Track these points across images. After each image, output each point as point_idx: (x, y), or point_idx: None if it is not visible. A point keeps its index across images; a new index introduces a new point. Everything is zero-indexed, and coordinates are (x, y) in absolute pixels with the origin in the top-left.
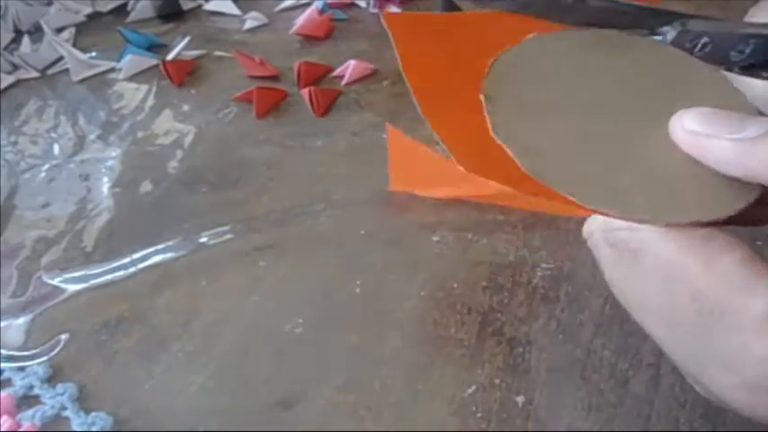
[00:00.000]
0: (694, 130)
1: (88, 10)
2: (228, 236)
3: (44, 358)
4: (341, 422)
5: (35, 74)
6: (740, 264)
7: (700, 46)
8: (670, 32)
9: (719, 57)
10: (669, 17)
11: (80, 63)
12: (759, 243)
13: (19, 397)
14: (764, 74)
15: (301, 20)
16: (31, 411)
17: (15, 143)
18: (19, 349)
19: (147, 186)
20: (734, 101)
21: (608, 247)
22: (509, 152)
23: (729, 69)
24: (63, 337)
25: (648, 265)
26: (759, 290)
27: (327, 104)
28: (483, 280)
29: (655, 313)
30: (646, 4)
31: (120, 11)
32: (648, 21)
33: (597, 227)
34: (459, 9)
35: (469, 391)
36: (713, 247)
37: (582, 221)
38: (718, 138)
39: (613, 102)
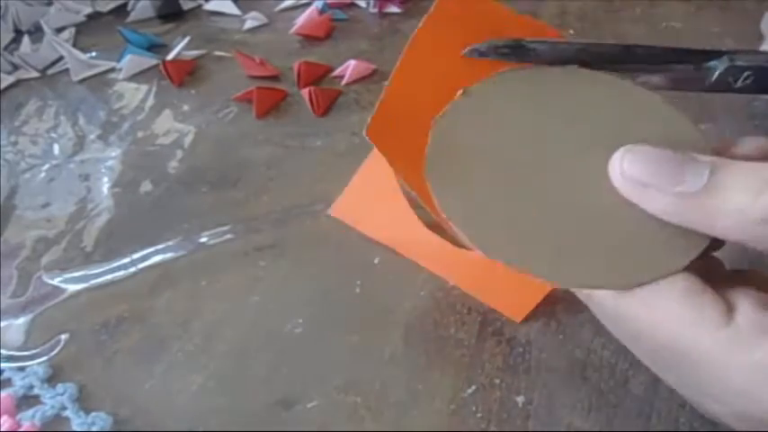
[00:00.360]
0: (633, 177)
1: (88, 10)
2: (228, 236)
3: (44, 358)
4: (341, 422)
5: (35, 74)
6: (681, 301)
7: (742, 79)
8: (719, 67)
9: (760, 87)
10: (712, 54)
11: (80, 63)
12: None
13: (19, 397)
14: None
15: (301, 20)
16: (31, 411)
17: (15, 143)
18: (19, 349)
19: (147, 186)
20: (684, 136)
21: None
22: (455, 227)
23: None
24: (63, 337)
25: (600, 314)
26: (705, 325)
27: (327, 104)
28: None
29: (635, 351)
30: (695, 46)
31: (120, 11)
32: (694, 58)
33: None
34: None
35: (469, 390)
36: (654, 288)
37: None
38: (657, 189)
39: (560, 146)
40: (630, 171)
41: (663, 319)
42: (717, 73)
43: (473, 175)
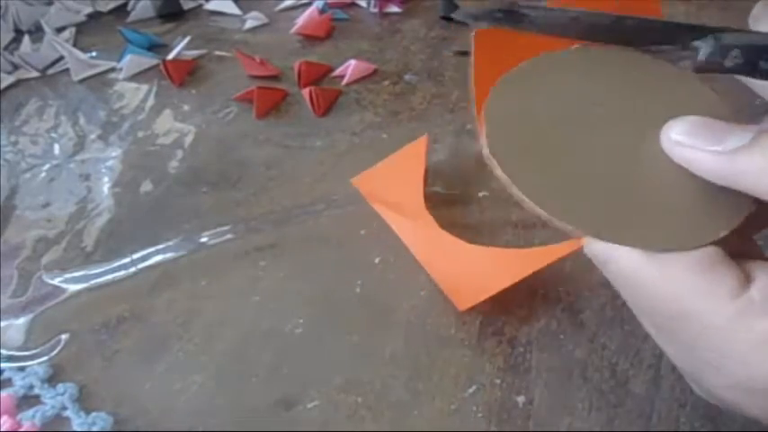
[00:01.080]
0: (679, 141)
1: (88, 10)
2: (229, 236)
3: (44, 358)
4: (341, 422)
5: (35, 74)
6: (695, 270)
7: (730, 58)
8: (704, 46)
9: (749, 66)
10: (702, 31)
11: (80, 63)
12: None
13: (19, 397)
14: None
15: (302, 20)
16: (31, 411)
17: (16, 143)
18: (19, 349)
19: (147, 186)
20: (721, 113)
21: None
22: (498, 170)
23: (757, 77)
24: (63, 337)
25: (617, 277)
26: (718, 294)
27: (328, 104)
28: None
29: (642, 317)
30: (683, 21)
31: (121, 11)
32: (681, 36)
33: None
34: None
35: (470, 390)
36: (668, 256)
37: None
38: (700, 150)
39: (610, 122)
40: (677, 137)
41: (678, 286)
42: (703, 53)
43: (527, 137)
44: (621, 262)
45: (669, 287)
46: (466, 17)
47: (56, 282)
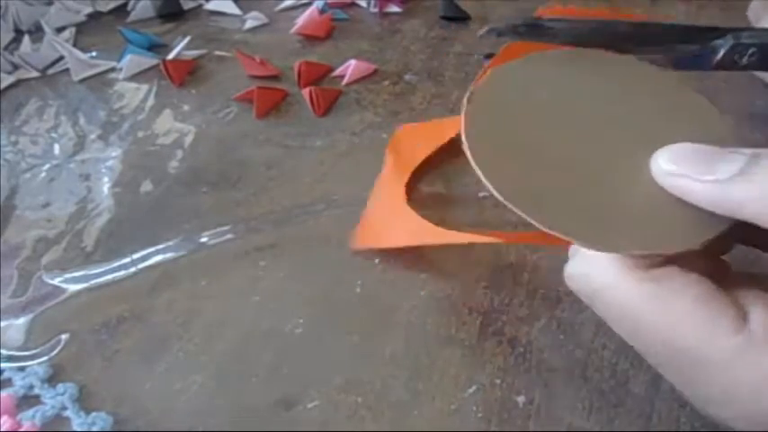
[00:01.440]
0: (671, 172)
1: (88, 10)
2: (229, 236)
3: (44, 358)
4: (341, 422)
5: (35, 74)
6: (695, 305)
7: (747, 56)
8: (723, 45)
9: (763, 63)
10: (721, 32)
11: (80, 63)
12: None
13: (19, 397)
14: None
15: (302, 20)
16: (31, 411)
17: (15, 143)
18: (19, 349)
19: (147, 186)
20: (715, 126)
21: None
22: (480, 175)
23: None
24: (63, 337)
25: (610, 309)
26: (720, 329)
27: (328, 104)
28: (483, 280)
29: (640, 350)
30: (703, 24)
31: (121, 11)
32: (701, 37)
33: (565, 273)
34: (459, 8)
35: (470, 390)
36: (666, 290)
37: None
38: (691, 179)
39: (595, 125)
40: (667, 167)
41: (675, 324)
42: (722, 51)
43: (509, 141)
44: (615, 298)
45: (667, 320)
46: (490, 33)
47: (56, 282)
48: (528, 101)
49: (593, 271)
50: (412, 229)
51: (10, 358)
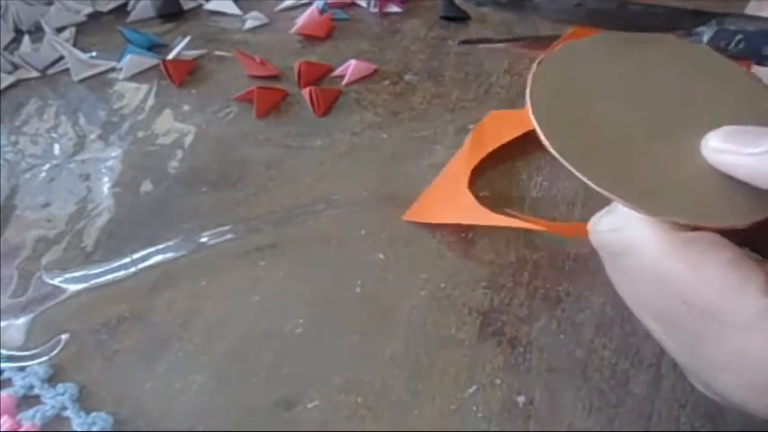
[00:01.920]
0: (719, 149)
1: (88, 10)
2: (229, 236)
3: (44, 358)
4: (341, 422)
5: (35, 74)
6: (727, 266)
7: (734, 43)
8: (707, 32)
9: (752, 52)
10: (705, 17)
11: (80, 63)
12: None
13: (19, 397)
14: None
15: (302, 20)
16: (31, 411)
17: (15, 143)
18: (19, 349)
19: (147, 186)
20: (764, 104)
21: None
22: (535, 125)
23: (760, 63)
24: (63, 337)
25: (633, 267)
26: (749, 290)
27: (328, 104)
28: (483, 280)
29: (650, 314)
30: (683, 6)
31: (121, 11)
32: (685, 21)
33: (590, 227)
34: (459, 9)
35: (470, 391)
36: (698, 250)
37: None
38: (740, 154)
39: (649, 104)
40: (717, 144)
41: (706, 280)
42: (707, 38)
43: (568, 104)
44: (646, 252)
45: (696, 278)
46: (469, 2)
47: (56, 282)
48: (590, 74)
49: (627, 226)
50: (466, 209)
51: (10, 358)
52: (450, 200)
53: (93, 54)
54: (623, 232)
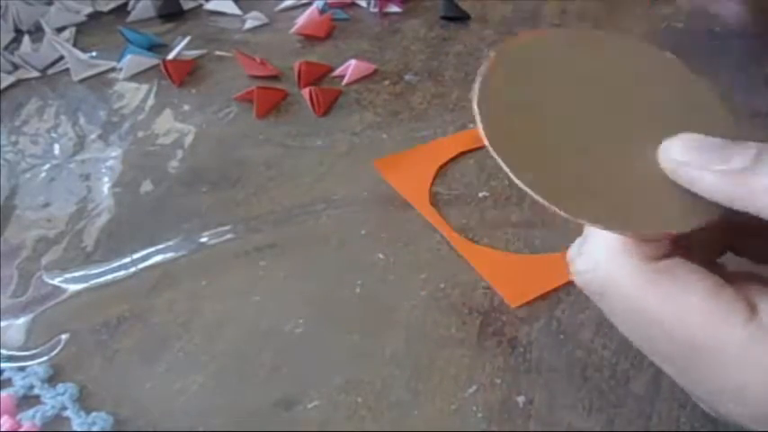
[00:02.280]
0: (682, 162)
1: (88, 10)
2: (229, 236)
3: (44, 358)
4: (341, 422)
5: (35, 74)
6: (708, 296)
7: None
8: None
9: None
10: None
11: (80, 63)
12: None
13: (19, 397)
14: None
15: (302, 20)
16: (31, 411)
17: (16, 143)
18: (19, 349)
19: (147, 186)
20: (722, 117)
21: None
22: (486, 141)
23: None
24: (63, 337)
25: (617, 307)
26: (732, 320)
27: (328, 104)
28: (483, 280)
29: (644, 350)
30: None
31: (121, 11)
32: None
33: (570, 268)
34: (459, 8)
35: (470, 390)
36: (677, 282)
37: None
38: (705, 170)
39: (601, 107)
40: (678, 156)
41: (687, 314)
42: None
43: (518, 112)
44: (623, 290)
45: (675, 312)
46: None
47: (56, 282)
48: (536, 80)
49: (599, 266)
50: (415, 187)
51: (10, 358)
52: (412, 170)
53: (93, 54)
54: (598, 272)
